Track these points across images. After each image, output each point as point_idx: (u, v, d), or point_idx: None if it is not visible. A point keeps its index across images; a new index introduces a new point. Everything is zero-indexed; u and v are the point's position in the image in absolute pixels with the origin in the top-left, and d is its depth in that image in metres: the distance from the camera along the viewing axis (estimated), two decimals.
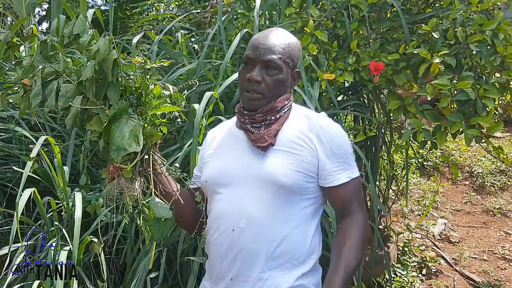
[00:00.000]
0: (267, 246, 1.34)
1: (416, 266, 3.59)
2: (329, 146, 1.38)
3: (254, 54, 1.41)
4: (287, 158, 1.36)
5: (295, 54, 1.45)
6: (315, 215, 1.42)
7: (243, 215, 1.36)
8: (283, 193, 1.36)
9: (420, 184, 5.23)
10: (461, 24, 2.28)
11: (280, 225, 1.35)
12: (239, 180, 1.41)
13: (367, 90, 2.80)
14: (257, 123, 1.41)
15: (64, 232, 2.43)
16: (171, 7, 9.39)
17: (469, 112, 2.22)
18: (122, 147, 1.25)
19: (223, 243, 1.39)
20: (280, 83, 1.41)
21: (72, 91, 1.29)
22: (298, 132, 1.39)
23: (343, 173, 1.38)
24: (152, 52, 2.83)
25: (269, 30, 1.48)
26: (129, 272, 2.58)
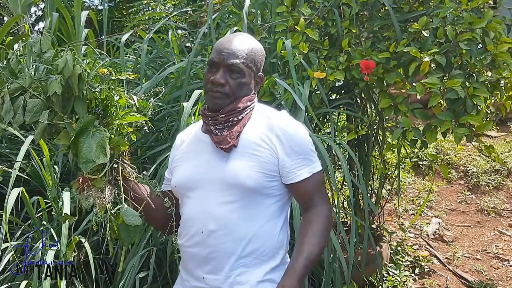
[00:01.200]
0: (237, 245, 1.40)
1: (409, 265, 3.58)
2: (289, 144, 1.42)
3: (218, 58, 1.45)
4: (250, 160, 1.41)
5: (258, 59, 1.50)
6: (281, 211, 1.48)
7: (211, 217, 1.42)
8: (247, 194, 1.41)
9: (415, 184, 5.22)
10: (451, 23, 2.27)
11: (247, 224, 1.41)
12: (205, 183, 1.46)
13: (359, 89, 2.79)
14: (220, 124, 1.44)
15: (52, 232, 2.42)
16: (167, 6, 9.38)
17: (459, 110, 2.21)
18: (91, 160, 1.30)
19: (194, 245, 1.46)
20: (242, 86, 1.46)
21: (39, 106, 1.33)
22: (259, 133, 1.43)
23: (304, 169, 1.43)
24: (142, 50, 2.81)
25: (234, 35, 1.54)
26: (119, 272, 2.56)
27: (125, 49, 3.77)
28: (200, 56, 3.14)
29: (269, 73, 2.85)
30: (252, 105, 1.49)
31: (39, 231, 2.51)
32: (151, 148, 2.84)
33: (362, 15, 2.84)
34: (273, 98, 2.66)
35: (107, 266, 2.74)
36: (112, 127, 1.39)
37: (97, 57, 3.65)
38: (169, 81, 3.06)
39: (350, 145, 3.38)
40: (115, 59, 3.37)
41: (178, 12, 4.10)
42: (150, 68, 3.33)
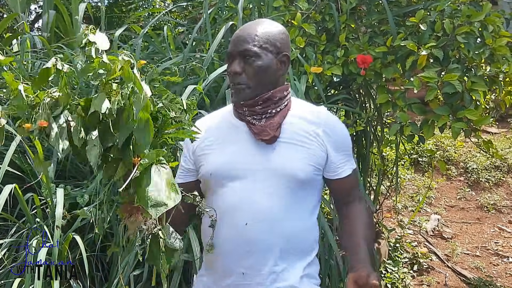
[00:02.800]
0: (281, 239, 1.35)
1: (407, 262, 3.56)
2: (335, 139, 1.41)
3: (231, 48, 1.41)
4: (298, 151, 1.37)
5: (276, 38, 1.40)
6: (316, 206, 1.46)
7: (255, 209, 1.34)
8: (294, 187, 1.36)
9: (415, 180, 5.20)
10: (449, 16, 2.24)
11: (292, 218, 1.37)
12: (248, 173, 1.37)
13: (357, 84, 2.76)
14: (257, 115, 1.39)
15: (45, 229, 2.39)
16: (166, 3, 9.35)
17: (457, 105, 2.18)
18: (162, 203, 1.05)
19: (233, 238, 1.36)
20: (261, 70, 1.37)
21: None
22: (304, 125, 1.40)
23: (348, 165, 1.44)
24: (137, 46, 2.78)
25: (249, 23, 1.46)
26: (114, 270, 2.54)
27: (122, 45, 3.75)
28: (197, 52, 3.11)
29: None
30: (288, 96, 1.44)
31: (34, 229, 2.49)
32: None
33: (360, 9, 2.81)
34: None
35: (102, 263, 2.73)
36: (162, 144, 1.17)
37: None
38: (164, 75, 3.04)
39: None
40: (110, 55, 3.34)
41: (175, 7, 4.05)
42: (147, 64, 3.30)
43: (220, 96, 2.66)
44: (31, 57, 4.05)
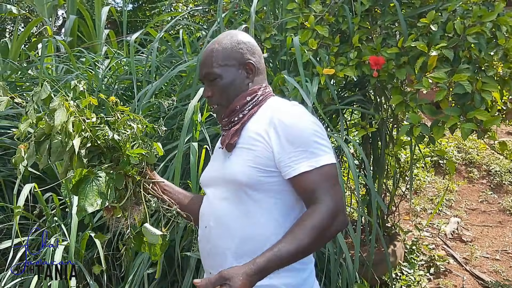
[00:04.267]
0: (232, 242, 1.36)
1: (424, 265, 3.52)
2: (285, 136, 1.32)
3: (199, 75, 1.53)
4: (245, 155, 1.37)
5: (234, 51, 1.46)
6: (288, 211, 1.37)
7: (212, 213, 1.43)
8: (242, 190, 1.36)
9: (435, 183, 5.13)
10: (461, 16, 2.23)
11: (243, 221, 1.36)
12: (211, 181, 1.49)
13: (371, 85, 2.77)
14: (225, 126, 1.47)
15: (63, 228, 2.47)
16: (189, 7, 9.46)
17: (468, 105, 2.17)
18: (83, 209, 1.36)
19: (201, 240, 1.47)
20: (227, 88, 1.45)
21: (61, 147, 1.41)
22: (258, 127, 1.38)
23: (304, 163, 1.29)
24: (153, 49, 2.84)
25: (207, 45, 1.52)
26: (130, 268, 2.59)
27: (141, 49, 3.84)
28: None
29: (280, 70, 2.85)
30: (254, 99, 1.45)
31: (52, 227, 2.57)
32: (163, 146, 2.86)
33: (374, 10, 2.81)
34: (282, 95, 2.66)
35: (119, 262, 2.79)
36: (121, 159, 1.46)
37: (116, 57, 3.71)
38: (181, 79, 3.09)
39: (364, 142, 3.35)
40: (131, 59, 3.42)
41: (192, 10, 4.11)
42: (164, 67, 3.37)
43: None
44: (54, 61, 4.18)
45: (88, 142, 1.43)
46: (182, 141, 2.27)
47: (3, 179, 2.91)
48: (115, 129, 1.48)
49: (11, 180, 3.03)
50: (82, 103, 1.48)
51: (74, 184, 1.38)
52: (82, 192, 1.37)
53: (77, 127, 1.41)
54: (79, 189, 1.38)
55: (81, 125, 1.42)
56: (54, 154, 1.41)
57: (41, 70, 3.11)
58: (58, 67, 4.00)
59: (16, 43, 4.88)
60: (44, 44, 3.60)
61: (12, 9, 8.98)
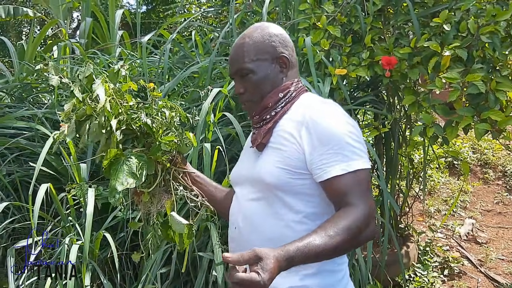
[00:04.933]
0: (261, 244, 1.25)
1: (437, 266, 3.49)
2: (317, 136, 1.25)
3: (229, 71, 1.46)
4: (275, 156, 1.32)
5: (266, 44, 1.40)
6: (318, 216, 1.30)
7: (241, 213, 1.39)
8: (271, 191, 1.31)
9: (449, 184, 5.08)
10: (474, 15, 2.21)
11: (273, 223, 1.31)
12: (241, 180, 1.45)
13: (384, 85, 2.75)
14: (256, 124, 1.41)
15: (77, 228, 2.50)
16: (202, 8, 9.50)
17: (482, 106, 2.15)
18: (114, 188, 1.38)
19: (230, 239, 1.45)
20: (260, 83, 1.39)
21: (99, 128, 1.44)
22: (291, 126, 1.32)
23: (336, 166, 1.22)
24: (166, 51, 2.86)
25: (237, 39, 1.47)
26: (143, 267, 2.61)
27: (154, 50, 3.87)
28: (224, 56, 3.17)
29: None
30: (287, 96, 1.39)
31: (66, 226, 2.60)
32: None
33: (387, 10, 2.80)
34: None
35: (133, 262, 2.81)
36: (154, 145, 1.46)
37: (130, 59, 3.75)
38: (194, 80, 3.11)
39: (376, 143, 3.33)
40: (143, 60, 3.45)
41: (205, 11, 4.13)
42: (177, 68, 3.39)
43: None
44: (69, 63, 4.23)
45: (123, 125, 1.44)
46: (197, 138, 2.28)
47: (18, 179, 2.95)
48: (150, 114, 1.47)
49: (26, 180, 3.07)
50: (122, 87, 1.49)
51: (107, 165, 1.40)
52: (114, 173, 1.39)
53: (114, 109, 1.42)
54: (111, 170, 1.40)
55: (118, 107, 1.43)
56: (91, 135, 1.43)
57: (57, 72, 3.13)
58: (73, 69, 4.04)
59: (31, 45, 4.95)
60: (59, 47, 3.65)
61: (28, 12, 9.12)
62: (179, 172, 1.53)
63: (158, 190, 1.50)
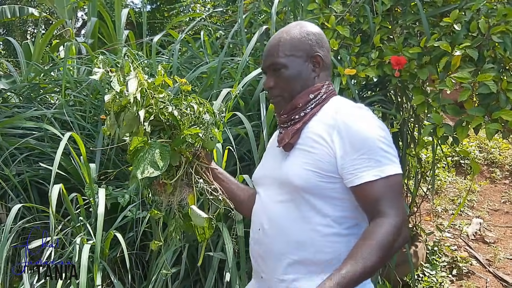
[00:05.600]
0: (288, 247, 1.31)
1: (446, 266, 3.49)
2: (349, 140, 1.24)
3: (262, 64, 1.45)
4: (304, 158, 1.31)
5: (302, 42, 1.39)
6: (349, 218, 1.31)
7: (266, 215, 1.38)
8: (300, 194, 1.30)
9: (456, 183, 5.08)
10: (485, 15, 2.20)
11: (300, 226, 1.30)
12: (266, 181, 1.44)
13: (392, 85, 2.75)
14: (283, 124, 1.40)
15: (88, 228, 2.51)
16: (207, 8, 9.51)
17: (492, 105, 2.14)
18: (134, 175, 1.42)
19: (254, 241, 1.43)
20: (292, 79, 1.38)
21: (131, 119, 1.48)
22: (321, 129, 1.31)
23: (369, 171, 1.21)
24: (174, 51, 2.87)
25: (276, 32, 1.46)
26: (153, 267, 2.63)
27: (162, 50, 3.87)
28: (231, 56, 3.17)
29: None
30: (318, 97, 1.38)
31: (77, 226, 2.62)
32: None
33: (395, 10, 2.80)
34: None
35: (142, 261, 2.82)
36: (178, 137, 1.49)
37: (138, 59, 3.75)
38: (202, 81, 3.12)
39: None
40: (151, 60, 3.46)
41: (212, 11, 4.14)
42: (185, 68, 3.40)
43: (254, 99, 2.72)
44: (76, 63, 4.25)
45: (151, 116, 1.47)
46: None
47: (28, 180, 2.96)
48: (178, 107, 1.50)
49: (36, 181, 3.09)
50: (156, 80, 1.51)
51: (131, 153, 1.44)
52: (136, 160, 1.43)
53: (146, 100, 1.46)
54: (134, 158, 1.44)
55: (149, 98, 1.46)
56: (125, 126, 1.47)
57: (64, 72, 3.16)
58: (80, 69, 4.06)
59: (38, 45, 4.97)
60: (68, 47, 3.66)
61: (34, 12, 9.15)
62: (202, 166, 1.55)
63: (180, 183, 1.52)
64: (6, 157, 3.01)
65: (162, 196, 1.55)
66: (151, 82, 1.49)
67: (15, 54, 4.89)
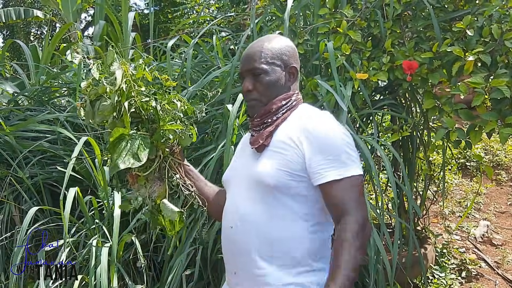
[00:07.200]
0: (260, 243, 1.40)
1: (455, 268, 3.51)
2: (317, 144, 1.37)
3: (241, 67, 1.53)
4: (274, 158, 1.41)
5: (282, 52, 1.51)
6: (314, 215, 1.42)
7: (237, 213, 1.46)
8: (270, 193, 1.40)
9: (462, 185, 5.10)
10: (497, 21, 2.23)
11: (271, 224, 1.40)
12: (237, 180, 1.53)
13: (403, 89, 2.78)
14: (256, 127, 1.50)
15: (104, 230, 2.54)
16: (211, 10, 9.54)
17: (505, 110, 2.17)
18: (116, 165, 1.45)
19: (225, 239, 1.51)
20: (270, 85, 1.48)
21: (107, 109, 1.49)
22: (290, 133, 1.43)
23: (333, 171, 1.35)
24: (188, 55, 2.90)
25: (255, 41, 1.57)
26: (166, 269, 2.65)
27: (171, 53, 3.90)
28: None
29: (312, 75, 2.88)
30: (288, 104, 1.50)
31: (91, 229, 2.64)
32: (197, 150, 2.92)
33: (405, 15, 2.82)
34: (315, 100, 2.69)
35: (154, 263, 2.85)
36: (157, 131, 1.53)
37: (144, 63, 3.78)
38: (214, 85, 3.14)
39: (394, 146, 3.36)
40: (162, 64, 3.49)
41: (223, 17, 4.17)
42: (196, 72, 3.42)
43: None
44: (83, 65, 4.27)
45: (132, 108, 1.50)
46: (228, 141, 2.32)
47: (42, 182, 2.99)
48: (160, 102, 1.54)
49: (49, 183, 3.12)
50: (137, 74, 1.54)
51: (111, 142, 1.46)
52: (118, 151, 1.45)
53: (128, 91, 1.48)
54: (115, 148, 1.46)
55: (132, 90, 1.48)
56: (100, 115, 1.49)
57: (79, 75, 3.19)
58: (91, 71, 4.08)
59: (47, 48, 5.00)
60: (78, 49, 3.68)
61: (38, 14, 9.18)
62: (175, 162, 1.60)
63: (152, 176, 1.56)
64: (20, 159, 3.04)
65: (133, 187, 1.58)
66: (133, 75, 1.52)
67: (19, 56, 4.92)
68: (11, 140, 3.13)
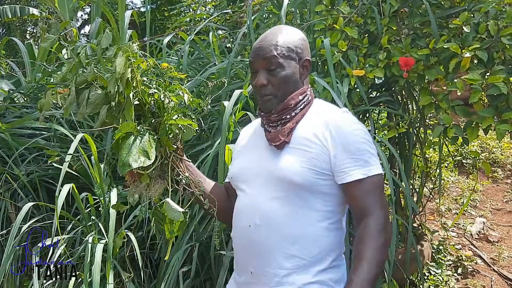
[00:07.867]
0: (282, 242, 1.37)
1: (451, 265, 3.52)
2: (341, 142, 1.36)
3: (253, 57, 1.46)
4: (299, 156, 1.37)
5: (297, 45, 1.45)
6: (335, 213, 1.42)
7: (258, 212, 1.41)
8: (295, 191, 1.37)
9: (459, 182, 5.11)
10: (494, 17, 2.24)
11: (294, 222, 1.37)
12: (255, 177, 1.46)
13: (399, 86, 2.78)
14: (273, 122, 1.45)
15: (100, 227, 2.53)
16: (207, 7, 9.52)
17: (502, 106, 2.18)
18: (127, 164, 1.34)
19: (242, 238, 1.46)
20: (286, 79, 1.43)
21: (100, 99, 1.39)
22: (313, 129, 1.40)
23: (358, 170, 1.35)
24: (184, 52, 2.89)
25: (268, 32, 1.50)
26: (163, 266, 2.65)
27: (168, 51, 3.89)
28: (240, 57, 3.19)
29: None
30: (305, 99, 1.46)
31: (87, 225, 2.64)
32: (193, 147, 2.92)
33: (402, 12, 2.83)
34: None
35: (151, 260, 2.84)
36: (163, 127, 1.44)
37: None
38: (210, 81, 3.13)
39: (390, 142, 3.36)
40: (158, 61, 3.48)
41: (219, 14, 4.16)
42: (192, 69, 3.42)
43: None
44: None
45: (135, 100, 1.40)
46: (223, 139, 2.30)
47: (38, 179, 2.98)
48: (165, 93, 1.45)
49: (45, 180, 3.11)
50: (137, 61, 1.42)
51: (117, 138, 1.36)
52: (126, 147, 1.34)
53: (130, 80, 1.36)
54: (122, 144, 1.35)
55: (134, 79, 1.37)
56: (90, 105, 1.38)
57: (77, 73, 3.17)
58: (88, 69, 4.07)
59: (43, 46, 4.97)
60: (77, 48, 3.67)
61: (34, 12, 9.14)
62: (177, 158, 1.52)
63: (154, 174, 1.46)
64: (16, 157, 3.03)
65: (132, 186, 1.48)
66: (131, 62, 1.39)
67: (15, 54, 4.90)
68: (7, 137, 3.11)
